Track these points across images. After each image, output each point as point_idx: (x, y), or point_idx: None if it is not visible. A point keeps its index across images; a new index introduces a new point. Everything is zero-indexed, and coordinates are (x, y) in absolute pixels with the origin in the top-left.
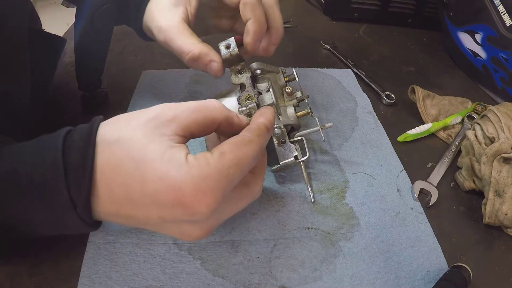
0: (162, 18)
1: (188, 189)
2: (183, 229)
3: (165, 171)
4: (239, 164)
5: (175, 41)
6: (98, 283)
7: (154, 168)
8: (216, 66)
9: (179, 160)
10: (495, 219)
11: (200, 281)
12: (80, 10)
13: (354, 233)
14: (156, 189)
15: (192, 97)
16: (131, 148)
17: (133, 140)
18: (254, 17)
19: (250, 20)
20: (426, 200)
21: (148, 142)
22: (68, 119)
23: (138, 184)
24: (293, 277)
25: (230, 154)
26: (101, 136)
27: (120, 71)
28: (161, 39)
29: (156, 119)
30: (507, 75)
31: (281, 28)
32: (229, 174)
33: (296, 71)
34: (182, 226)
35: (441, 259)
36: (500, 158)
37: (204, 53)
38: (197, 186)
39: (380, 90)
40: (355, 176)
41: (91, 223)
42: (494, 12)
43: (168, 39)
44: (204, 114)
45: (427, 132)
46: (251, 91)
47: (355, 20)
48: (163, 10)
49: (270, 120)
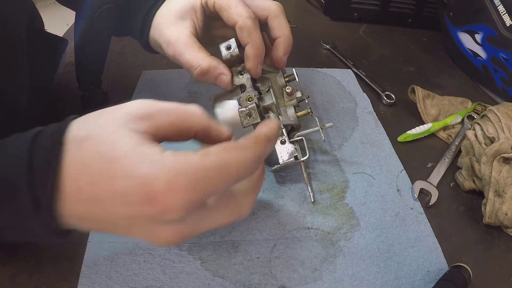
0: (170, 32)
1: (160, 185)
2: (153, 231)
3: (136, 167)
4: (224, 168)
5: (184, 55)
6: (98, 283)
7: (123, 165)
8: (225, 78)
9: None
10: (495, 219)
11: (200, 281)
12: (80, 10)
13: (354, 233)
14: (125, 186)
15: (192, 97)
16: (100, 144)
17: (103, 136)
18: (251, 41)
19: (248, 45)
20: (426, 200)
21: (117, 138)
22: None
23: (106, 182)
24: (293, 277)
25: (215, 155)
26: (71, 133)
27: (120, 71)
28: (170, 53)
29: (128, 115)
30: (507, 75)
31: (290, 36)
32: (209, 176)
33: (296, 71)
34: (151, 228)
35: (441, 259)
36: (500, 158)
37: (213, 67)
38: (170, 181)
39: (380, 90)
40: (355, 176)
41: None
42: (494, 12)
43: (177, 53)
44: (182, 119)
45: (427, 132)
46: (251, 92)
47: (355, 20)
48: (171, 24)
49: (272, 130)
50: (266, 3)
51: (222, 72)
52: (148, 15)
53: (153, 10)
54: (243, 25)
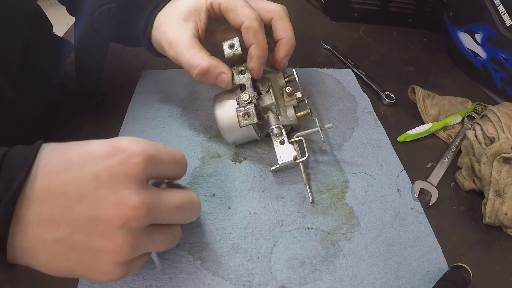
0: (173, 33)
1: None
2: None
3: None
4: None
5: (184, 55)
6: (98, 283)
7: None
8: (226, 77)
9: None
10: (495, 219)
11: (200, 281)
12: (80, 10)
13: (354, 233)
14: (92, 147)
15: (192, 97)
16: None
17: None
18: (257, 42)
19: (253, 45)
20: (426, 200)
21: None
22: (68, 119)
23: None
24: (293, 277)
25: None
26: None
27: (120, 71)
28: (171, 54)
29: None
30: (507, 75)
31: (293, 38)
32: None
33: (296, 71)
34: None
35: (441, 259)
36: (500, 158)
37: (214, 66)
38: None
39: (380, 90)
40: (355, 176)
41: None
42: (494, 12)
43: (177, 54)
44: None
45: (427, 132)
46: (251, 92)
47: (355, 20)
48: (174, 25)
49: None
50: (270, 5)
51: (223, 71)
52: (151, 16)
53: (157, 10)
54: (249, 26)
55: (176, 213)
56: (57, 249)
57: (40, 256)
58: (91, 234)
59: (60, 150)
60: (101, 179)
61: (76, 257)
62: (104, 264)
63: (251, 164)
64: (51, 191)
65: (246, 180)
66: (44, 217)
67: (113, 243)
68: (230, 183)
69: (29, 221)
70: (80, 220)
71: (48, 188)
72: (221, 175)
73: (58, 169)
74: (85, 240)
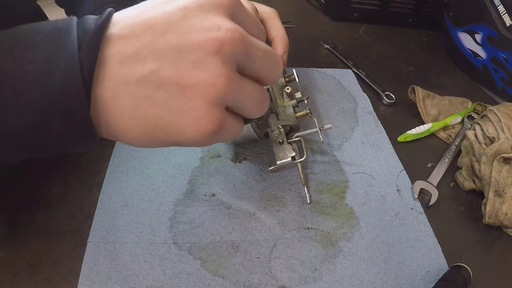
0: None
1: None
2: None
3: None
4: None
5: None
6: (98, 283)
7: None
8: None
9: None
10: (495, 219)
11: (200, 281)
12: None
13: (354, 233)
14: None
15: None
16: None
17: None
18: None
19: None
20: (426, 200)
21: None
22: None
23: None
24: (293, 277)
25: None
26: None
27: None
28: None
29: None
30: (507, 75)
31: (285, 36)
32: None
33: (296, 71)
34: (208, 17)
35: (441, 259)
36: (500, 158)
37: None
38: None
39: (380, 90)
40: (355, 176)
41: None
42: (494, 12)
43: None
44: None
45: (427, 132)
46: None
47: (355, 20)
48: None
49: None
50: (261, 7)
51: None
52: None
53: None
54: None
55: (263, 58)
56: (142, 91)
57: (123, 105)
58: (181, 65)
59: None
60: (189, 9)
61: (163, 99)
62: (196, 107)
63: (251, 164)
64: (134, 28)
65: (246, 180)
66: (128, 53)
67: (206, 74)
68: (230, 183)
69: (112, 62)
70: (168, 50)
71: (131, 26)
72: (221, 175)
73: (141, 9)
74: (174, 74)
